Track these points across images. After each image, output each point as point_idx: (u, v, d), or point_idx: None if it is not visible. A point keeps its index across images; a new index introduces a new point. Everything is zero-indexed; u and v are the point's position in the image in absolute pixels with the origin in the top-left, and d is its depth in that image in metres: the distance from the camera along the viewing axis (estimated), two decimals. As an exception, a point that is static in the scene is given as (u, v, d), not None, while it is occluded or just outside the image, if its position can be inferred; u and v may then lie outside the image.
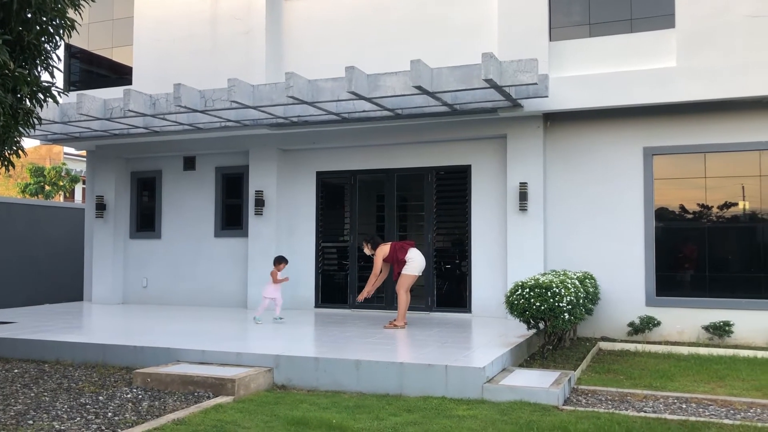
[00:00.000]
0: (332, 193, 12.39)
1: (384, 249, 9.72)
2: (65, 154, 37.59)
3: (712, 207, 9.96)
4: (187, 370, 7.08)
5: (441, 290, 11.50)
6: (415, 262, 9.61)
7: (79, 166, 35.57)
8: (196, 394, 6.61)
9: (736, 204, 9.85)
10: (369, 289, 9.83)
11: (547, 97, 9.81)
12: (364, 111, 10.58)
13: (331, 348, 7.91)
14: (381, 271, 9.83)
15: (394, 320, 9.66)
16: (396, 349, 7.95)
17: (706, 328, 9.63)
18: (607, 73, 9.90)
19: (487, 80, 8.61)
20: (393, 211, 11.79)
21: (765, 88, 9.14)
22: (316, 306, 12.18)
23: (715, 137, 9.85)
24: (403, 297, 9.61)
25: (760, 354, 8.85)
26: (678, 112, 9.98)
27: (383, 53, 11.11)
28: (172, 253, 13.30)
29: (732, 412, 6.12)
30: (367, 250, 9.98)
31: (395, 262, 9.67)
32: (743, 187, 9.81)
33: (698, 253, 9.98)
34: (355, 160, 12.03)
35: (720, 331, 9.51)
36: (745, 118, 9.71)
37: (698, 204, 10.02)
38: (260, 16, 11.91)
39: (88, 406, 6.10)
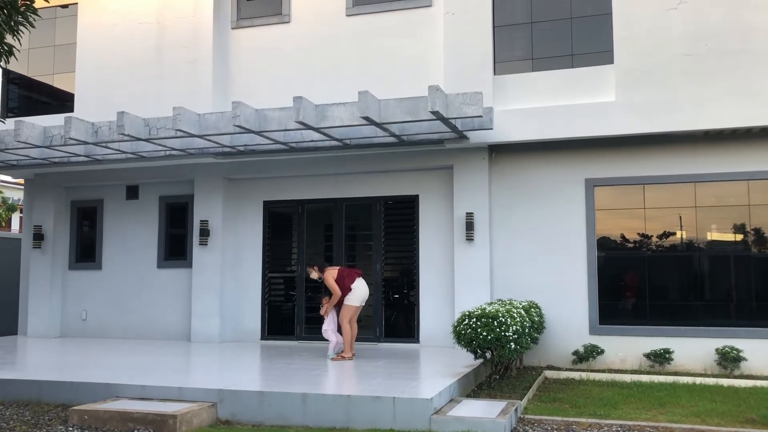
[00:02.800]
0: (280, 222, 12.29)
1: (332, 272, 9.62)
2: (2, 181, 36.34)
3: (652, 236, 10.26)
4: (126, 406, 6.84)
5: (389, 320, 11.47)
6: (358, 291, 9.55)
7: (16, 195, 34.41)
8: (135, 431, 6.38)
9: (674, 233, 10.18)
10: (328, 307, 9.69)
11: (491, 129, 10.01)
12: (312, 141, 10.58)
13: (277, 381, 7.77)
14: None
15: (342, 352, 9.57)
16: (343, 382, 7.87)
17: (648, 356, 9.85)
18: (549, 106, 10.17)
19: (433, 112, 8.74)
20: (341, 240, 11.76)
21: (697, 123, 9.53)
22: (263, 338, 11.97)
23: (653, 169, 10.19)
24: (347, 328, 9.53)
25: (698, 380, 9.08)
26: (618, 145, 10.31)
27: (331, 83, 11.17)
28: (113, 285, 12.92)
29: (673, 438, 6.24)
30: (314, 274, 9.81)
31: (341, 288, 9.59)
32: (680, 217, 10.16)
33: (639, 282, 10.24)
34: (303, 189, 11.99)
35: (660, 358, 9.73)
36: (681, 151, 10.08)
37: (638, 233, 10.31)
38: (207, 44, 11.84)
39: (19, 447, 5.81)
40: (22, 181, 15.94)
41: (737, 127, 9.43)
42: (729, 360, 9.39)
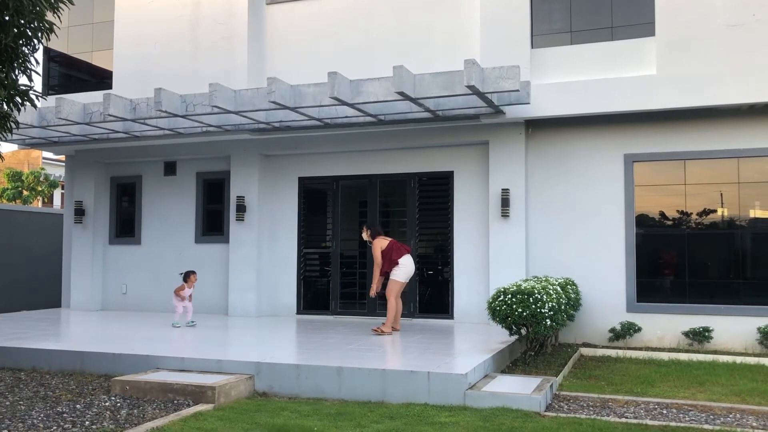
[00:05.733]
0: (314, 199, 12.34)
1: (382, 242, 9.62)
2: (44, 158, 37.13)
3: (692, 213, 10.05)
4: (166, 377, 6.99)
5: (424, 296, 11.49)
6: (405, 268, 9.56)
7: (58, 171, 35.17)
8: (175, 401, 6.53)
9: (714, 211, 9.95)
10: (376, 283, 9.68)
11: (528, 103, 9.86)
12: (346, 116, 10.56)
13: (313, 355, 7.86)
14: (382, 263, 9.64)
15: (382, 325, 9.59)
16: (378, 356, 7.92)
17: (686, 334, 9.71)
18: (588, 80, 9.97)
19: (469, 87, 8.64)
20: (375, 217, 11.77)
21: (742, 97, 9.26)
22: (298, 313, 12.12)
23: (694, 144, 9.95)
24: (393, 303, 9.54)
25: (738, 359, 8.93)
26: (658, 120, 10.08)
27: (366, 59, 11.11)
28: (152, 259, 13.16)
29: (712, 417, 6.16)
30: (365, 235, 9.85)
31: (387, 260, 9.58)
32: (722, 193, 9.92)
33: (678, 260, 10.06)
34: (338, 165, 12.00)
35: (699, 336, 9.59)
36: (724, 125, 9.82)
37: (678, 210, 10.11)
38: (242, 20, 11.86)
39: (65, 415, 6.00)
40: (63, 157, 16.28)
41: (784, 100, 9.15)
42: (771, 339, 9.21)
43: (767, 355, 9.10)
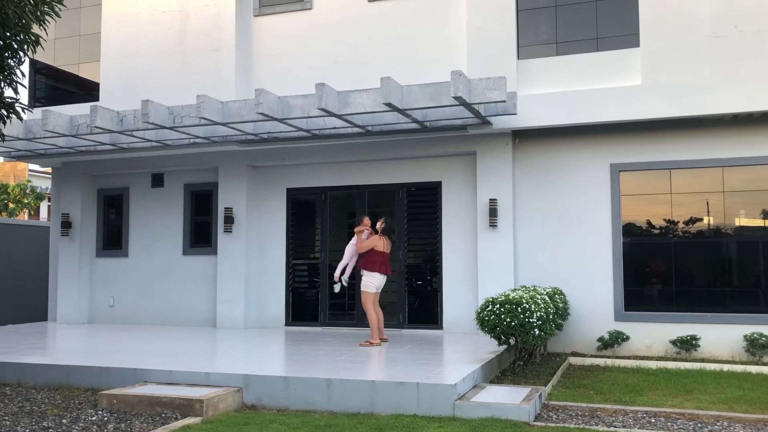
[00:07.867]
0: (303, 210, 12.33)
1: (376, 241, 9.64)
2: (30, 171, 36.90)
3: (678, 222, 10.13)
4: (154, 390, 6.94)
5: (412, 307, 11.48)
6: (375, 279, 9.58)
7: (44, 183, 34.95)
8: (163, 415, 6.48)
9: (701, 219, 10.03)
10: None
11: (515, 114, 9.92)
12: (334, 128, 10.58)
13: (302, 367, 7.83)
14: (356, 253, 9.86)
15: (371, 338, 9.59)
16: (367, 367, 7.90)
17: (674, 342, 9.76)
18: (574, 90, 10.05)
19: (456, 98, 8.68)
20: (364, 227, 11.75)
21: (726, 106, 9.36)
22: (287, 324, 12.07)
23: (679, 154, 10.04)
24: (372, 313, 9.56)
25: (725, 367, 8.98)
26: (644, 130, 10.17)
27: (354, 70, 11.14)
28: (140, 272, 13.08)
29: (699, 425, 6.19)
30: (378, 224, 9.80)
31: (365, 254, 9.63)
32: (708, 202, 10.00)
33: (665, 268, 10.13)
34: (326, 176, 12.01)
35: (687, 345, 9.64)
36: (709, 135, 9.92)
37: (665, 219, 10.18)
38: (229, 32, 11.88)
39: (50, 430, 5.94)
40: (49, 169, 16.17)
41: (768, 110, 9.26)
42: (758, 346, 9.26)
43: (754, 363, 9.16)
